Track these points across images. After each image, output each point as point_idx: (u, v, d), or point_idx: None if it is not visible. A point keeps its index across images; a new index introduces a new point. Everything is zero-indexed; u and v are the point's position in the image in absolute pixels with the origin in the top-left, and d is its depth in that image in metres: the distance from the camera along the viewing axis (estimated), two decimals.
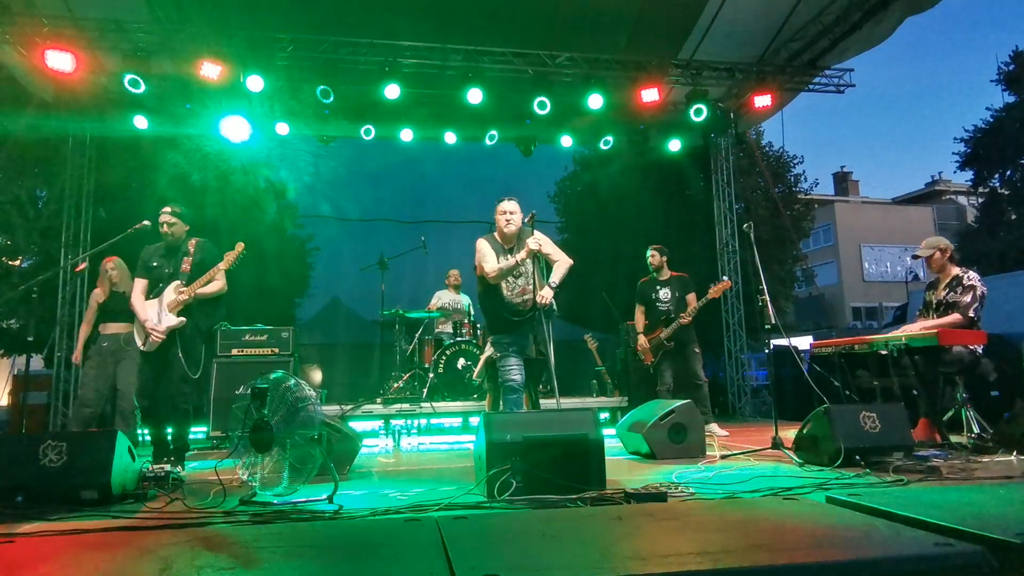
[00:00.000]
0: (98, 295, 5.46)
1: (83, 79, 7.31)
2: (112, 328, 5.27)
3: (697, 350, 6.19)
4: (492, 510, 2.71)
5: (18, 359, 11.09)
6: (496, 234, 4.55)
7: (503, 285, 4.45)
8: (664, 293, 6.30)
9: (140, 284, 4.47)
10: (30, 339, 7.79)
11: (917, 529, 1.70)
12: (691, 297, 6.23)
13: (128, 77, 6.97)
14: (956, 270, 4.78)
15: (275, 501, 2.93)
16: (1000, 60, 20.46)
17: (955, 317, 4.56)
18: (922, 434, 4.49)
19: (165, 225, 4.46)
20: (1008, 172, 20.24)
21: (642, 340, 6.36)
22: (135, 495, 3.16)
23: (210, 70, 6.96)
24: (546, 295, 4.31)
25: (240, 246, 4.53)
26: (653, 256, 6.40)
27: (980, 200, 22.28)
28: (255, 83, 7.22)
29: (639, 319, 6.46)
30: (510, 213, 4.48)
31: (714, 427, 5.99)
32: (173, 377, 4.29)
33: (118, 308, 5.21)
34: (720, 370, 9.40)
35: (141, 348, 4.34)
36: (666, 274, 6.39)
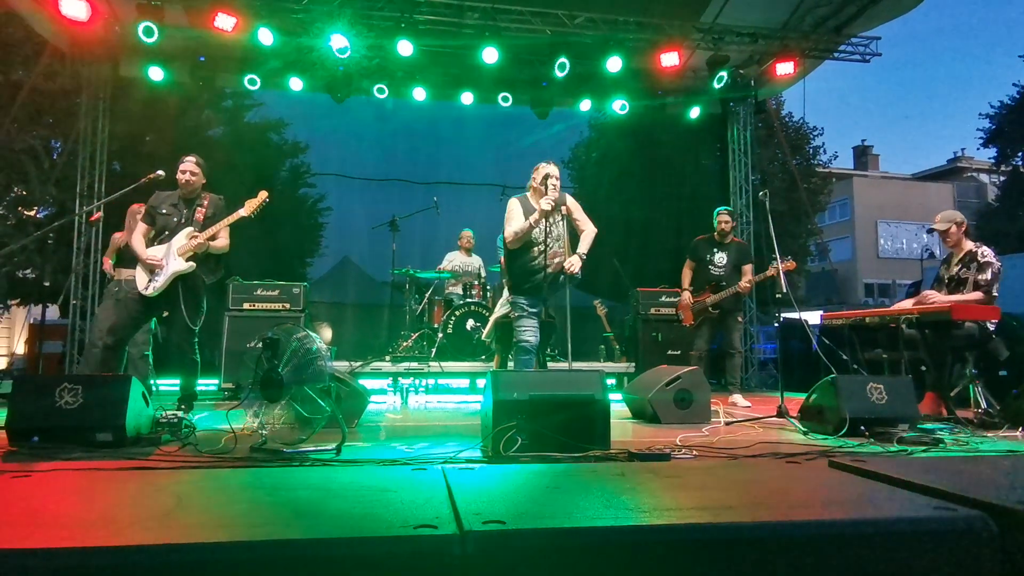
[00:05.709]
0: (119, 239, 5.51)
1: (98, 28, 7.24)
2: (126, 274, 5.31)
3: (740, 319, 5.95)
4: (497, 464, 2.75)
5: (34, 308, 11.27)
6: (530, 195, 4.47)
7: (534, 248, 4.36)
8: (720, 258, 5.94)
9: (142, 228, 4.46)
10: (46, 284, 7.87)
11: (918, 493, 1.72)
12: (748, 268, 5.90)
13: (142, 26, 6.89)
14: (970, 245, 4.73)
15: (284, 450, 2.98)
16: None
17: (976, 295, 4.51)
18: (928, 408, 4.49)
19: (188, 174, 4.43)
20: None
21: (686, 297, 5.99)
22: (149, 439, 3.22)
23: (224, 21, 6.87)
24: (575, 264, 4.26)
25: (263, 194, 4.50)
26: (726, 221, 6.00)
27: (1002, 178, 21.84)
28: (266, 36, 7.13)
29: (686, 275, 6.09)
30: (556, 178, 4.31)
31: (738, 397, 5.73)
32: (178, 327, 4.33)
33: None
34: None
35: (144, 292, 4.31)
36: (728, 239, 6.03)
